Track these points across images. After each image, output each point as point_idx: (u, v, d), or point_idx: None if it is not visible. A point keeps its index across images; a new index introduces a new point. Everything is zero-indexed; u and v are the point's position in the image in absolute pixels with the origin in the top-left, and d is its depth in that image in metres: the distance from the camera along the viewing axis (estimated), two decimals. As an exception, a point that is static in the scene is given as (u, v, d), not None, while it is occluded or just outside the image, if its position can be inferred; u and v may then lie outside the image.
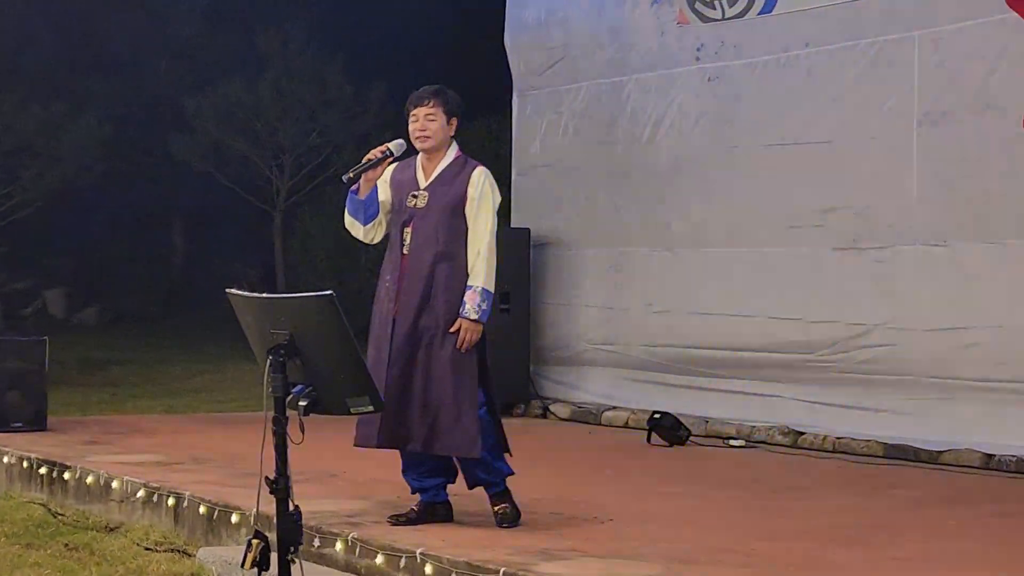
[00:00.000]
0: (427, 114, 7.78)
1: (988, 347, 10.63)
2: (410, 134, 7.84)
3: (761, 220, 12.32)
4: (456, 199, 7.75)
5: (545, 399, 14.11)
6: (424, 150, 7.84)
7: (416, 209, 7.75)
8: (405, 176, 7.86)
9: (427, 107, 7.79)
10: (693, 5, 13.00)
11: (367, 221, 7.87)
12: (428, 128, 7.78)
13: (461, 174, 7.81)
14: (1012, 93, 10.45)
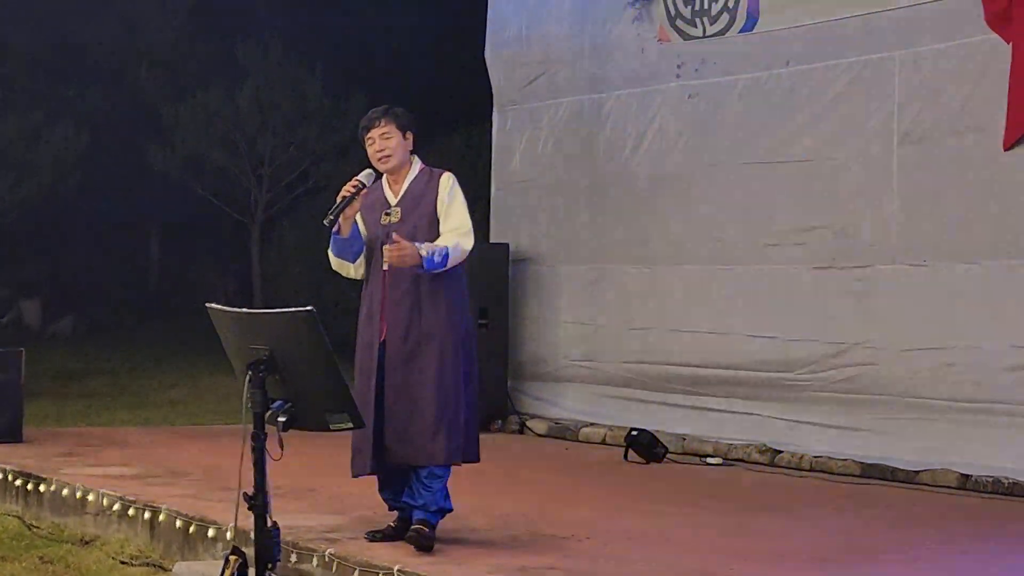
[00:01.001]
0: (382, 134, 7.76)
1: (966, 367, 10.63)
2: (371, 159, 7.82)
3: (740, 238, 12.32)
4: (429, 207, 7.74)
5: (523, 414, 14.08)
6: (388, 170, 7.82)
7: (391, 224, 7.70)
8: (374, 199, 7.81)
9: (380, 127, 7.77)
10: (674, 23, 13.01)
11: (355, 258, 7.81)
12: (386, 147, 7.75)
13: (430, 183, 7.81)
14: (992, 114, 10.45)
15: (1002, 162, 10.43)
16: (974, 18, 10.56)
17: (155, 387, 18.98)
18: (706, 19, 12.74)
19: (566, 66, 14.18)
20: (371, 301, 7.78)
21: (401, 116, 7.84)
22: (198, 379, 19.08)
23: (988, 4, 10.43)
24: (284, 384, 5.61)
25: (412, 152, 7.92)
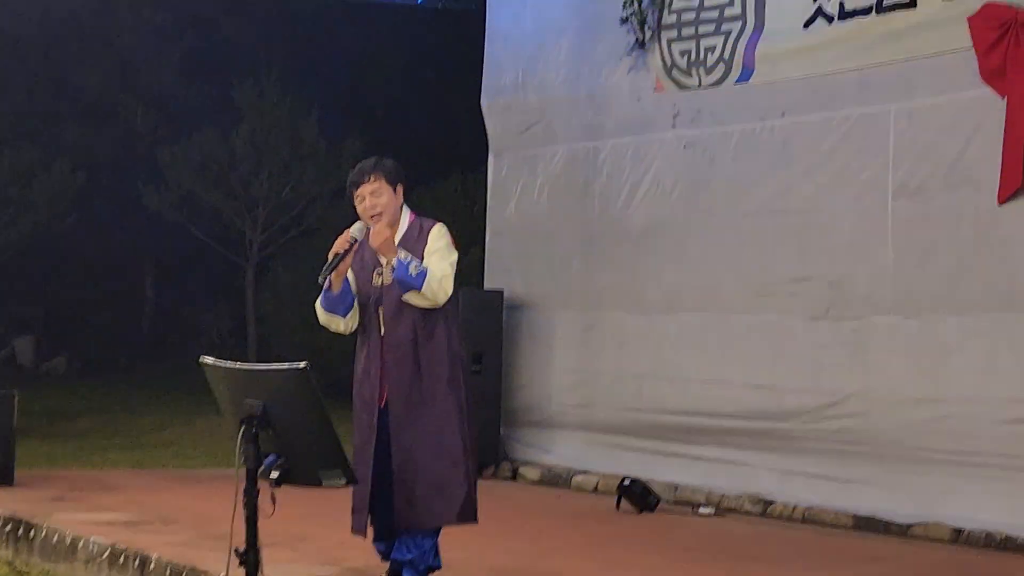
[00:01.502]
0: (372, 191, 7.67)
1: (959, 420, 10.61)
2: (361, 215, 7.74)
3: (735, 287, 12.32)
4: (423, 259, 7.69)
5: (515, 461, 14.07)
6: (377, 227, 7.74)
7: (384, 286, 7.66)
8: (365, 254, 7.73)
9: (370, 183, 7.67)
10: (670, 73, 13.05)
11: (346, 312, 7.74)
12: (377, 205, 7.66)
13: (420, 236, 7.74)
14: (986, 168, 10.46)
15: (996, 216, 10.43)
16: (969, 72, 10.58)
17: (148, 427, 18.95)
18: (702, 69, 12.77)
19: (562, 114, 14.22)
20: (368, 362, 7.74)
21: (391, 170, 7.75)
22: (191, 420, 19.04)
23: (983, 59, 10.46)
24: (277, 439, 5.60)
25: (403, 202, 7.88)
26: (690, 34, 12.92)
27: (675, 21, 13.05)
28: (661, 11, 13.15)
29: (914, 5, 11.06)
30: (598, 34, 13.82)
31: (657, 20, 13.16)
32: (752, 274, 12.19)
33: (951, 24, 10.72)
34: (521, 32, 14.78)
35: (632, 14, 13.26)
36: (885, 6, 11.27)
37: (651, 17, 13.17)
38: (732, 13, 12.53)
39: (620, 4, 13.37)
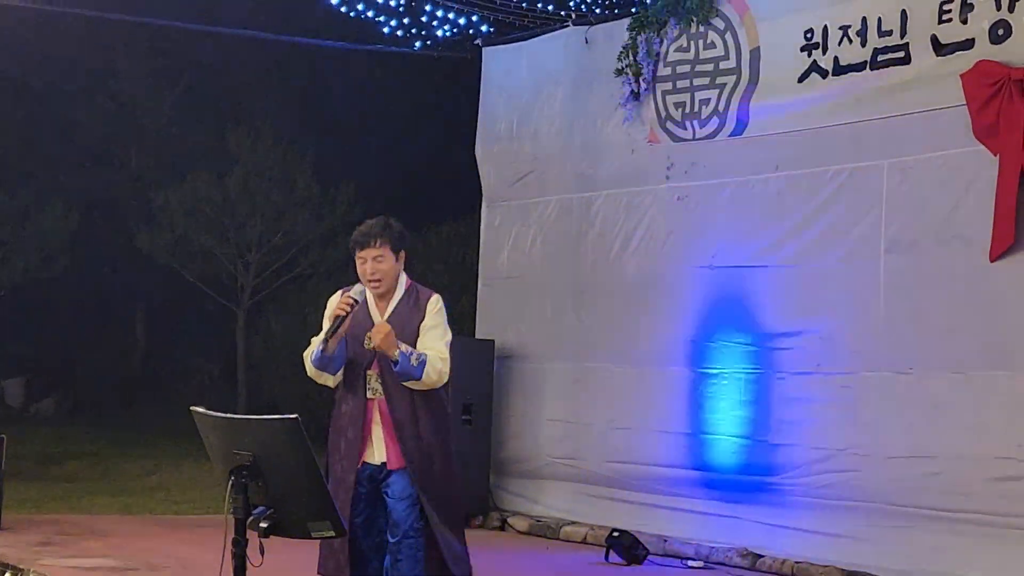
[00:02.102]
0: (376, 256, 7.65)
1: (949, 477, 10.61)
2: (360, 275, 7.75)
3: (726, 340, 12.33)
4: (415, 334, 7.68)
5: (504, 511, 14.04)
6: (377, 294, 7.75)
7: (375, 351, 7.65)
8: (359, 317, 7.73)
9: (375, 248, 7.65)
10: (664, 124, 13.08)
11: (336, 370, 7.74)
12: (378, 271, 7.65)
13: (417, 305, 7.73)
14: (978, 224, 10.49)
15: (988, 273, 10.45)
16: (962, 129, 10.63)
17: (137, 472, 18.86)
18: (696, 122, 12.82)
19: (556, 164, 14.25)
20: (350, 421, 7.73)
21: (397, 236, 7.73)
22: (180, 464, 18.98)
23: (976, 116, 10.50)
24: (267, 490, 5.58)
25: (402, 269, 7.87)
26: (685, 86, 12.96)
27: (670, 73, 13.09)
28: (656, 63, 13.19)
29: (908, 62, 11.11)
30: (593, 85, 13.86)
31: (652, 72, 13.20)
32: (743, 327, 12.20)
33: (944, 81, 10.77)
34: (516, 82, 14.82)
35: (627, 66, 13.30)
36: (879, 62, 11.32)
37: (646, 69, 13.21)
38: (727, 67, 12.57)
39: (615, 56, 13.42)
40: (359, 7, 14.97)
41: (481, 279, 15.04)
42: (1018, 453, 10.18)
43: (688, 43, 12.97)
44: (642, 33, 13.24)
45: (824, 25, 11.75)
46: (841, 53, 11.62)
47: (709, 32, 12.78)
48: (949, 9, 10.83)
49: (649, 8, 13.40)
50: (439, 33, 15.57)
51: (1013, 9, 10.39)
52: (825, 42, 11.74)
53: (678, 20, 12.99)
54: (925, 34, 10.99)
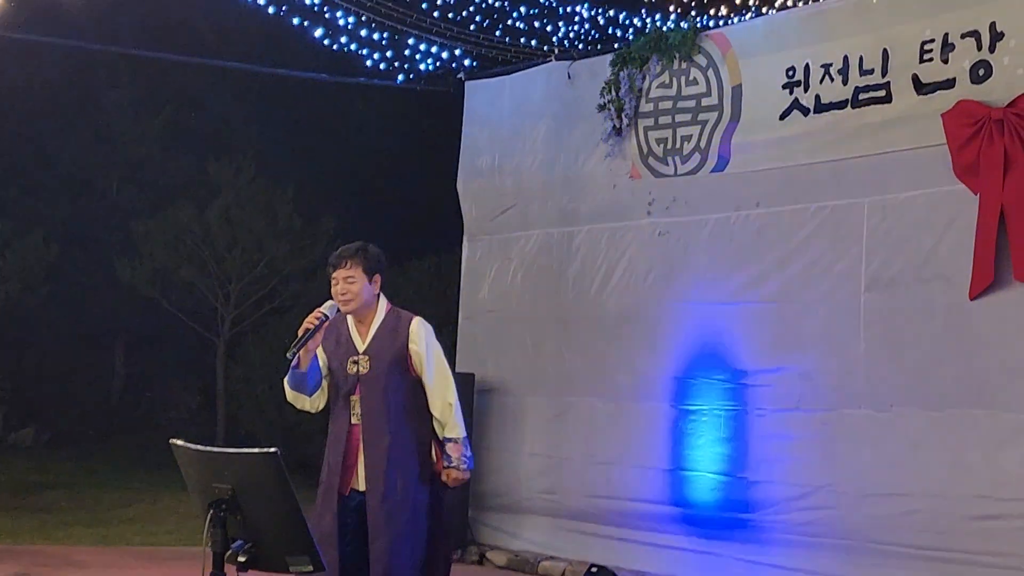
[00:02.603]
0: (346, 276, 7.74)
1: (927, 515, 10.61)
2: (333, 296, 7.82)
3: (706, 376, 12.33)
4: (399, 357, 7.73)
5: (482, 545, 14.01)
6: (346, 312, 7.81)
7: (360, 376, 7.69)
8: (339, 339, 7.79)
9: (346, 269, 7.75)
10: (646, 160, 13.11)
11: (312, 391, 7.79)
12: (348, 291, 7.74)
13: (398, 329, 7.79)
14: (958, 263, 10.52)
15: (968, 311, 10.48)
16: (943, 168, 10.66)
17: (114, 503, 18.77)
18: (678, 158, 12.84)
19: (537, 198, 14.25)
20: (335, 448, 7.75)
21: (371, 259, 7.81)
22: (158, 495, 18.88)
23: (957, 155, 10.54)
24: (245, 524, 5.57)
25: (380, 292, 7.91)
26: (667, 123, 12.99)
27: (652, 109, 13.13)
28: (638, 99, 13.22)
29: (889, 100, 11.15)
30: (575, 120, 13.88)
31: (634, 108, 13.23)
32: (723, 364, 12.20)
33: (925, 120, 10.81)
34: (498, 116, 14.84)
35: (610, 101, 13.32)
36: (860, 100, 11.37)
37: (628, 105, 13.24)
38: (709, 103, 12.61)
39: (598, 91, 13.44)
40: (342, 40, 14.99)
41: (462, 313, 15.02)
42: (996, 491, 10.20)
43: (670, 79, 13.01)
44: (624, 69, 13.27)
45: (806, 63, 11.80)
46: (823, 91, 11.66)
47: (691, 69, 12.82)
48: (930, 49, 10.88)
49: (632, 44, 13.44)
50: (422, 67, 15.61)
51: (994, 49, 10.44)
52: (807, 80, 11.79)
53: (660, 56, 13.03)
54: (906, 73, 11.04)
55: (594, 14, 15.30)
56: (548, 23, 15.34)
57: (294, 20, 14.73)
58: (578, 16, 15.27)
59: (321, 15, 14.68)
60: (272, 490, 5.56)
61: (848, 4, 11.78)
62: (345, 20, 14.84)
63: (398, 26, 14.77)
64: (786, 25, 12.30)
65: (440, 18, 14.89)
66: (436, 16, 14.87)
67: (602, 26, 15.40)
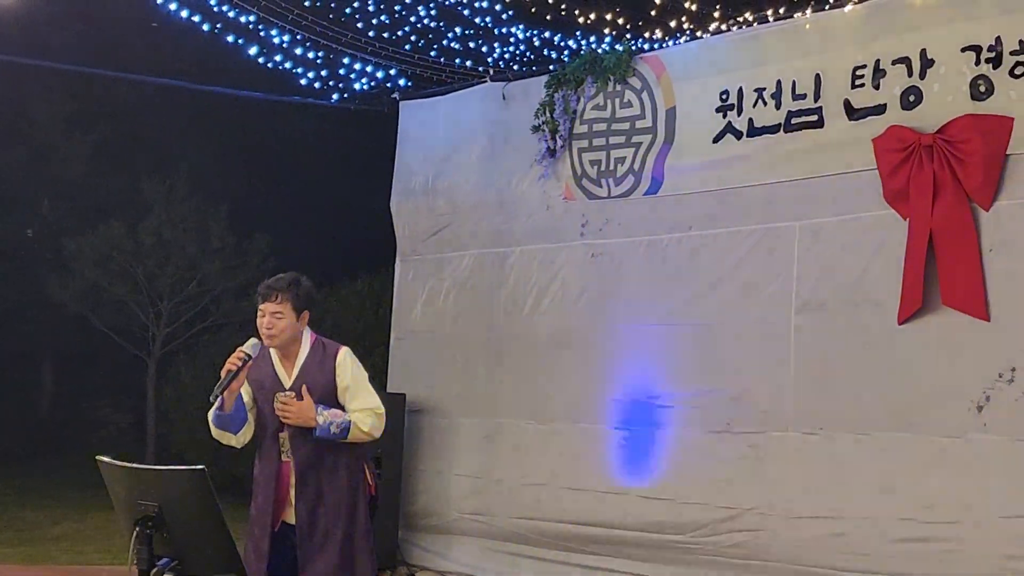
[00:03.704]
0: (274, 312, 7.63)
1: (854, 537, 10.65)
2: (257, 327, 7.73)
3: (637, 398, 12.35)
4: (326, 391, 7.65)
5: (412, 566, 13.98)
6: (270, 346, 7.71)
7: None
8: (264, 374, 7.67)
9: (275, 303, 7.63)
10: (580, 182, 13.14)
11: (238, 430, 7.68)
12: (275, 327, 7.63)
13: (324, 363, 7.70)
14: (888, 288, 10.59)
15: (896, 336, 10.55)
16: (873, 193, 10.74)
17: (40, 521, 18.61)
18: (612, 180, 12.87)
19: (471, 219, 14.25)
20: (264, 485, 7.70)
21: (301, 296, 7.70)
22: (85, 514, 18.74)
23: (887, 180, 10.62)
24: (172, 541, 5.54)
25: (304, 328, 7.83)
26: (601, 144, 13.02)
27: (586, 131, 13.16)
28: (573, 121, 13.25)
29: (821, 125, 11.23)
30: (509, 141, 13.90)
31: (569, 129, 13.26)
32: (655, 385, 12.22)
33: (857, 145, 10.89)
34: (433, 136, 14.84)
35: (544, 122, 13.35)
36: (793, 125, 11.44)
37: (563, 126, 13.27)
38: (643, 125, 12.65)
39: (532, 112, 13.47)
40: (277, 58, 14.94)
41: (394, 333, 15.00)
42: (922, 514, 10.26)
43: (605, 101, 13.05)
44: (559, 90, 13.31)
45: (740, 87, 11.86)
46: (756, 115, 11.73)
47: (626, 91, 12.87)
48: (862, 75, 10.97)
49: (567, 66, 13.47)
50: (357, 86, 15.57)
51: (924, 76, 10.54)
52: (740, 104, 11.85)
53: (595, 79, 13.07)
54: (838, 98, 11.12)
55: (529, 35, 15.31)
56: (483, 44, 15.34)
57: (229, 38, 14.67)
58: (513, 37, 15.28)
59: (256, 33, 14.62)
60: (199, 507, 5.53)
61: (782, 30, 11.87)
62: (280, 39, 14.78)
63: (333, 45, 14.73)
64: (720, 49, 12.36)
65: (375, 38, 14.86)
66: (371, 36, 14.85)
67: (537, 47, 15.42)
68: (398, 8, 14.88)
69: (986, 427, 10.04)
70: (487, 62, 15.21)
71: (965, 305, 10.14)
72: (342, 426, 7.50)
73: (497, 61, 15.23)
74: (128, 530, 5.58)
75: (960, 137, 10.20)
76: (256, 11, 14.03)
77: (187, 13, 14.07)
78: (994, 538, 9.85)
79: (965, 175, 10.16)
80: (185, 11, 14.05)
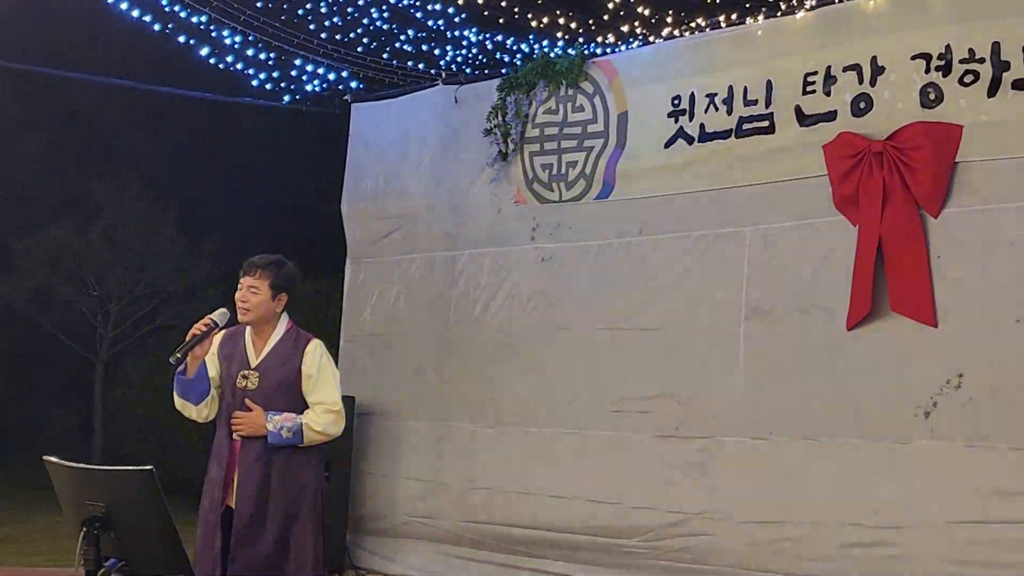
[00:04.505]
0: (251, 286, 7.63)
1: (802, 542, 10.68)
2: (236, 300, 7.73)
3: (587, 402, 12.36)
4: (290, 377, 7.63)
5: (360, 569, 13.94)
6: (242, 322, 7.71)
7: (246, 391, 7.59)
8: (234, 350, 7.67)
9: (253, 278, 7.64)
10: (531, 186, 13.14)
11: (198, 400, 7.66)
12: (248, 301, 7.62)
13: (294, 350, 7.69)
14: (837, 294, 10.63)
15: (844, 342, 10.59)
16: (823, 199, 10.78)
17: (-14, 523, 18.55)
18: (563, 184, 12.88)
19: (422, 222, 14.24)
20: (217, 462, 7.68)
21: (281, 276, 7.70)
22: (31, 516, 18.65)
23: (837, 187, 10.67)
24: (119, 542, 5.51)
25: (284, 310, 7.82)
26: (552, 148, 13.03)
27: (538, 135, 13.16)
28: (525, 124, 13.25)
29: (772, 131, 11.27)
30: (461, 144, 13.89)
31: (520, 133, 13.26)
32: (604, 390, 12.23)
33: (807, 151, 10.93)
34: (384, 139, 14.81)
35: (496, 126, 13.35)
36: (744, 130, 11.47)
37: (515, 130, 13.27)
38: (595, 130, 12.67)
39: (484, 115, 13.46)
40: (229, 59, 14.91)
41: (343, 336, 14.96)
42: (870, 519, 10.30)
43: (557, 106, 13.06)
44: (511, 94, 13.31)
45: (691, 92, 11.90)
46: (707, 120, 11.76)
47: (578, 95, 12.88)
48: (813, 81, 11.02)
49: (519, 70, 13.48)
50: (309, 88, 15.55)
51: (875, 83, 10.59)
52: (692, 109, 11.88)
53: (547, 83, 13.08)
54: (789, 105, 11.16)
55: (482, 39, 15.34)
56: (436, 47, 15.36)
57: (180, 38, 14.63)
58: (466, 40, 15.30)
59: (208, 34, 14.58)
60: (147, 508, 5.51)
61: (734, 36, 11.91)
62: (232, 39, 14.75)
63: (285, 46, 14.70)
64: (673, 54, 12.39)
65: (327, 39, 14.85)
66: (323, 37, 14.83)
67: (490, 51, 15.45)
68: (350, 10, 14.87)
69: (933, 433, 10.08)
70: (439, 65, 15.24)
71: (913, 311, 10.19)
72: (294, 429, 7.48)
73: (449, 64, 15.26)
74: (75, 531, 5.55)
75: (910, 144, 10.26)
76: (208, 11, 13.99)
77: (138, 13, 14.02)
78: (940, 543, 9.90)
79: (914, 182, 10.21)
80: (136, 11, 14.00)
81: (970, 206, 10.07)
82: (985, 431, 9.82)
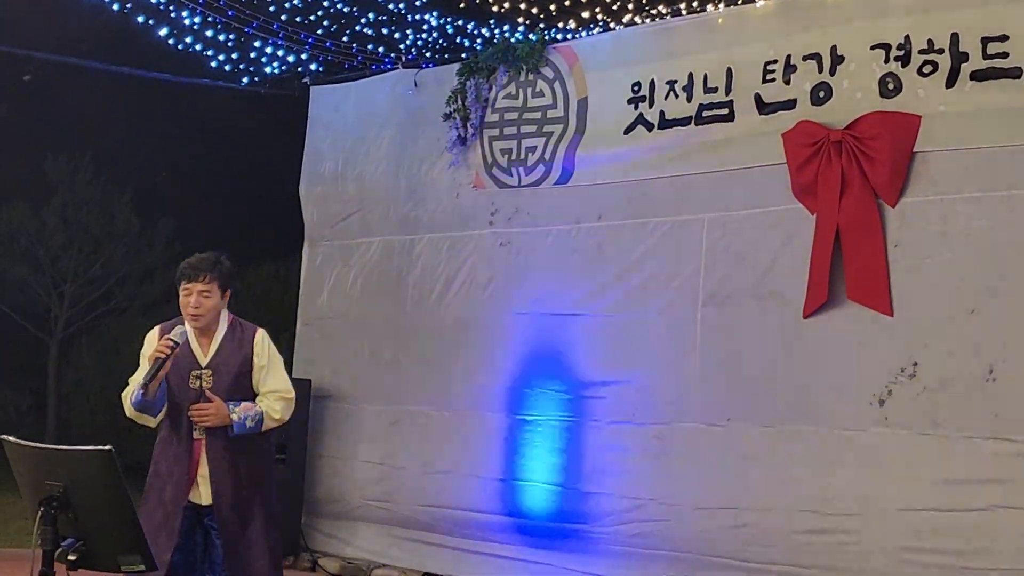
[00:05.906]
0: (202, 291, 7.61)
1: (757, 528, 10.74)
2: (182, 306, 7.69)
3: (543, 387, 12.38)
4: (244, 370, 7.66)
5: (315, 552, 13.94)
6: (195, 327, 7.70)
7: (203, 390, 7.60)
8: (181, 353, 7.65)
9: (203, 283, 7.61)
10: (490, 170, 13.14)
11: (158, 412, 7.68)
12: (203, 306, 7.61)
13: (242, 342, 7.71)
14: (794, 281, 10.68)
15: (801, 329, 10.65)
16: (782, 187, 10.82)
17: (-63, 504, 18.42)
18: (522, 169, 12.88)
19: (380, 205, 14.22)
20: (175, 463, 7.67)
21: (226, 274, 7.71)
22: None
23: (795, 175, 10.71)
24: (77, 522, 5.49)
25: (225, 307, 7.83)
26: (512, 133, 13.03)
27: (498, 120, 13.16)
28: (484, 109, 13.25)
29: (732, 118, 11.30)
30: (420, 128, 13.87)
31: (480, 118, 13.25)
32: (561, 374, 12.25)
33: (766, 139, 10.97)
34: (343, 122, 14.79)
35: (455, 110, 13.34)
36: (704, 118, 11.50)
37: (474, 114, 13.26)
38: (555, 115, 12.67)
39: (444, 100, 13.45)
40: (187, 40, 14.84)
41: (300, 319, 14.95)
42: (823, 506, 10.36)
43: (517, 90, 13.06)
44: (471, 78, 13.30)
45: (652, 79, 11.91)
46: (667, 107, 11.78)
47: (538, 80, 12.88)
48: (773, 69, 11.05)
49: (479, 54, 13.47)
50: (268, 70, 15.50)
51: (834, 72, 10.63)
52: (652, 96, 11.90)
53: (508, 67, 13.08)
54: (749, 93, 11.20)
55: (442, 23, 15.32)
56: (396, 30, 15.32)
57: (139, 18, 14.56)
58: (426, 24, 15.28)
59: (166, 14, 14.51)
60: (105, 488, 5.49)
61: (694, 23, 11.95)
62: (191, 20, 14.68)
63: (244, 28, 14.65)
64: (633, 41, 12.41)
65: (287, 22, 14.80)
66: (283, 19, 14.78)
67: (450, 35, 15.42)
68: (311, -8, 14.84)
69: (887, 421, 10.15)
70: (399, 49, 15.19)
71: (869, 300, 10.25)
72: (256, 419, 7.54)
73: (410, 48, 15.22)
74: (33, 510, 5.53)
75: (868, 134, 10.30)
76: (167, -9, 13.93)
77: (97, -9, 13.95)
78: (892, 530, 9.97)
79: (872, 171, 10.26)
80: (96, -11, 13.93)
81: (927, 196, 10.13)
82: (939, 420, 9.89)
